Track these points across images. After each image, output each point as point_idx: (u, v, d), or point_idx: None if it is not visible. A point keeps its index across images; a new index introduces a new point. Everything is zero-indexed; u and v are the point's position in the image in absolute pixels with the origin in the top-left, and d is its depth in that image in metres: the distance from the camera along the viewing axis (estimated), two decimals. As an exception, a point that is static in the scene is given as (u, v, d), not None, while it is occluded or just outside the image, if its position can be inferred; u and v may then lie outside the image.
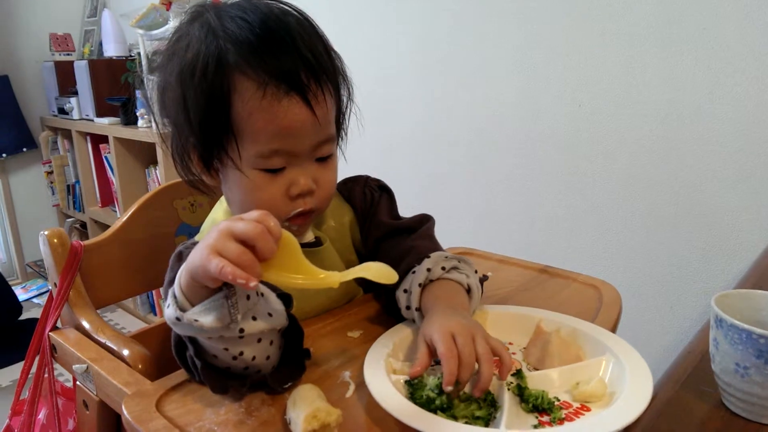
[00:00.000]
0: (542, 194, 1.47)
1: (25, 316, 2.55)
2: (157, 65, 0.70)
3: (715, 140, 1.16)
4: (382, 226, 0.79)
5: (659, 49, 1.20)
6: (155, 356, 0.72)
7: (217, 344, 0.52)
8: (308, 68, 0.62)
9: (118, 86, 2.51)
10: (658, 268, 1.29)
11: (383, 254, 0.77)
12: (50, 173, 2.99)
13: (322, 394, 0.52)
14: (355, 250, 0.82)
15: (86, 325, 0.78)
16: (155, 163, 2.35)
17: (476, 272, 0.71)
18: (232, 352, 0.53)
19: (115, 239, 0.89)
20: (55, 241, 0.81)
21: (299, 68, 0.62)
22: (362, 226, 0.81)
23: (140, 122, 2.24)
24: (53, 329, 0.81)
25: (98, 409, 0.71)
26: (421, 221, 0.79)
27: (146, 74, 2.15)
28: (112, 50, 2.58)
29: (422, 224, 0.79)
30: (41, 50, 2.92)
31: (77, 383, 0.74)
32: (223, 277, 0.45)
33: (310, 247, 0.74)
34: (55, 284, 0.82)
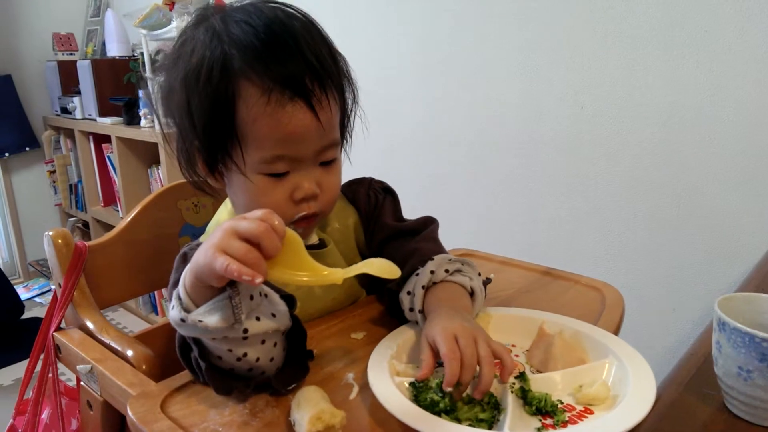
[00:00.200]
0: (544, 196, 1.47)
1: (27, 315, 2.55)
2: (161, 67, 0.70)
3: (717, 143, 1.17)
4: (386, 228, 0.79)
5: (661, 51, 1.20)
6: (159, 357, 0.72)
7: (221, 345, 0.53)
8: (313, 73, 0.62)
9: (121, 86, 2.51)
10: (660, 270, 1.30)
11: (387, 256, 0.76)
12: (53, 172, 3.00)
13: (326, 395, 0.53)
14: (359, 251, 0.82)
15: (90, 325, 0.79)
16: (158, 162, 2.35)
17: (480, 275, 0.71)
18: (236, 353, 0.53)
19: (119, 240, 0.89)
20: (59, 241, 0.81)
21: (304, 74, 0.62)
22: (366, 228, 0.81)
23: (143, 122, 2.24)
24: (57, 329, 0.81)
25: (102, 409, 0.71)
26: (425, 223, 0.80)
27: (149, 74, 2.15)
28: (115, 50, 2.59)
29: (426, 226, 0.79)
30: (44, 50, 2.92)
31: (81, 383, 0.75)
32: (228, 274, 0.46)
33: (314, 249, 0.74)
34: (59, 284, 0.82)
